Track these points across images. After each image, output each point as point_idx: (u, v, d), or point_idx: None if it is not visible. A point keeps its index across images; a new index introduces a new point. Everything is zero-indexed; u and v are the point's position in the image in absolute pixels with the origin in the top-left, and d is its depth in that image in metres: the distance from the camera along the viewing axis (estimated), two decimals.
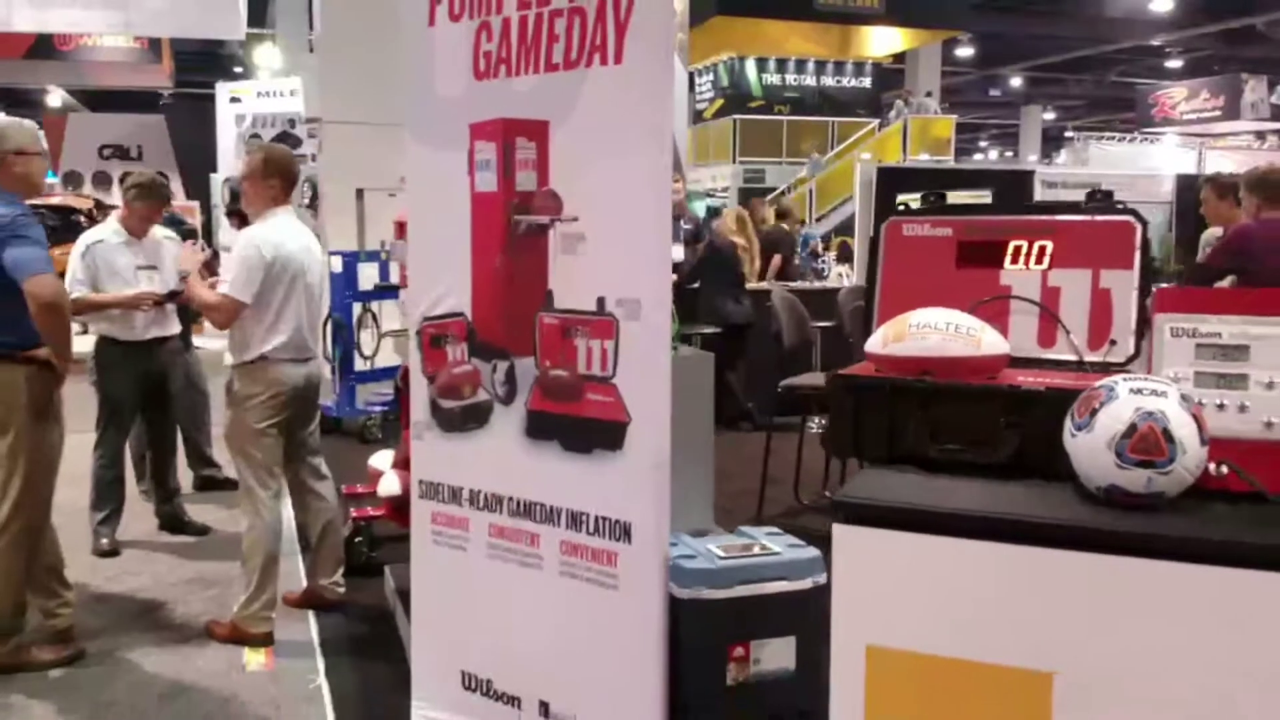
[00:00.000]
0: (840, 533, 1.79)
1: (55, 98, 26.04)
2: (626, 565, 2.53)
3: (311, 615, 3.92)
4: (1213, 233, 5.79)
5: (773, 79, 22.56)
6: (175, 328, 4.82)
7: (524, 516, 2.72)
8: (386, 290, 6.70)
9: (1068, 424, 1.72)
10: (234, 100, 18.34)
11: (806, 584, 3.05)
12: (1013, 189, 14.76)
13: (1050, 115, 33.39)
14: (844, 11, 19.26)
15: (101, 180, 20.60)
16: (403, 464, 4.51)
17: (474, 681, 2.85)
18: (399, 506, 4.41)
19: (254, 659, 3.58)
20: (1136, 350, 2.01)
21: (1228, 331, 1.79)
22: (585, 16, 2.51)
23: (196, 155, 19.16)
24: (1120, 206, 2.16)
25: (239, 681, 3.43)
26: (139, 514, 4.97)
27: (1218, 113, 25.59)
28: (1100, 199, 2.21)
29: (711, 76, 22.47)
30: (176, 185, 17.14)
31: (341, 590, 4.01)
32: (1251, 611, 1.55)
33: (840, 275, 10.88)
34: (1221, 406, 1.76)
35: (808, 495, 5.31)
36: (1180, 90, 26.76)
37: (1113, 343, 2.05)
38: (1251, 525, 1.63)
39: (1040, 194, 16.56)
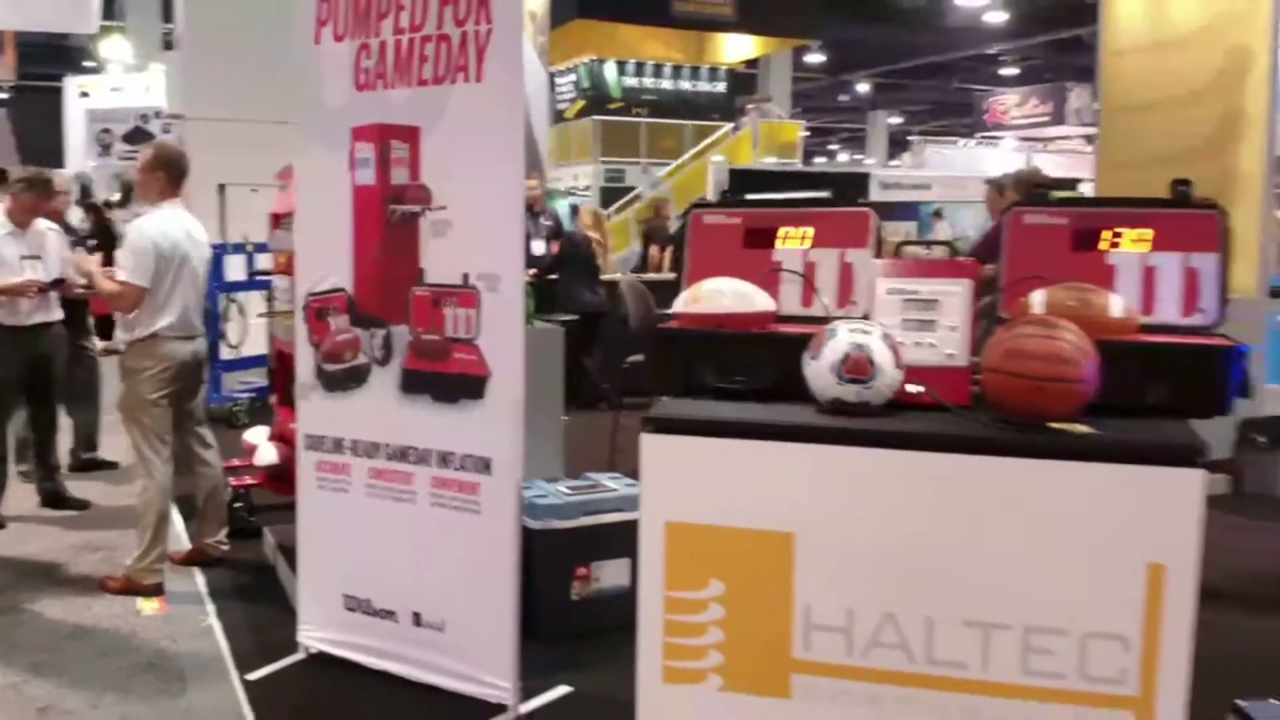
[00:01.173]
0: (648, 440, 2.38)
1: None
2: (487, 493, 3.07)
3: (198, 571, 4.31)
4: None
5: (631, 81, 23.26)
6: (58, 314, 5.08)
7: (399, 459, 3.24)
8: (257, 280, 7.03)
9: (805, 356, 2.35)
10: (83, 95, 17.86)
11: (640, 514, 3.67)
12: (852, 189, 15.87)
13: (897, 120, 35.20)
14: (699, 18, 20.11)
15: None
16: (277, 437, 4.95)
17: (354, 602, 3.34)
18: (275, 475, 4.85)
19: (148, 606, 3.96)
20: (869, 309, 2.67)
21: (924, 289, 2.47)
22: (451, 42, 3.05)
23: (41, 150, 18.54)
24: (860, 201, 2.82)
25: (136, 623, 3.81)
26: (20, 495, 5.19)
27: (1046, 118, 27.51)
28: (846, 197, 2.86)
29: (573, 77, 23.02)
30: None
31: (225, 548, 4.42)
32: (933, 481, 2.20)
33: None
34: (919, 344, 2.43)
35: None
36: (1012, 97, 28.69)
37: (854, 303, 2.70)
38: (933, 424, 2.30)
39: (877, 194, 17.75)
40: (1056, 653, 2.15)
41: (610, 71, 23.16)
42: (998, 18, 22.03)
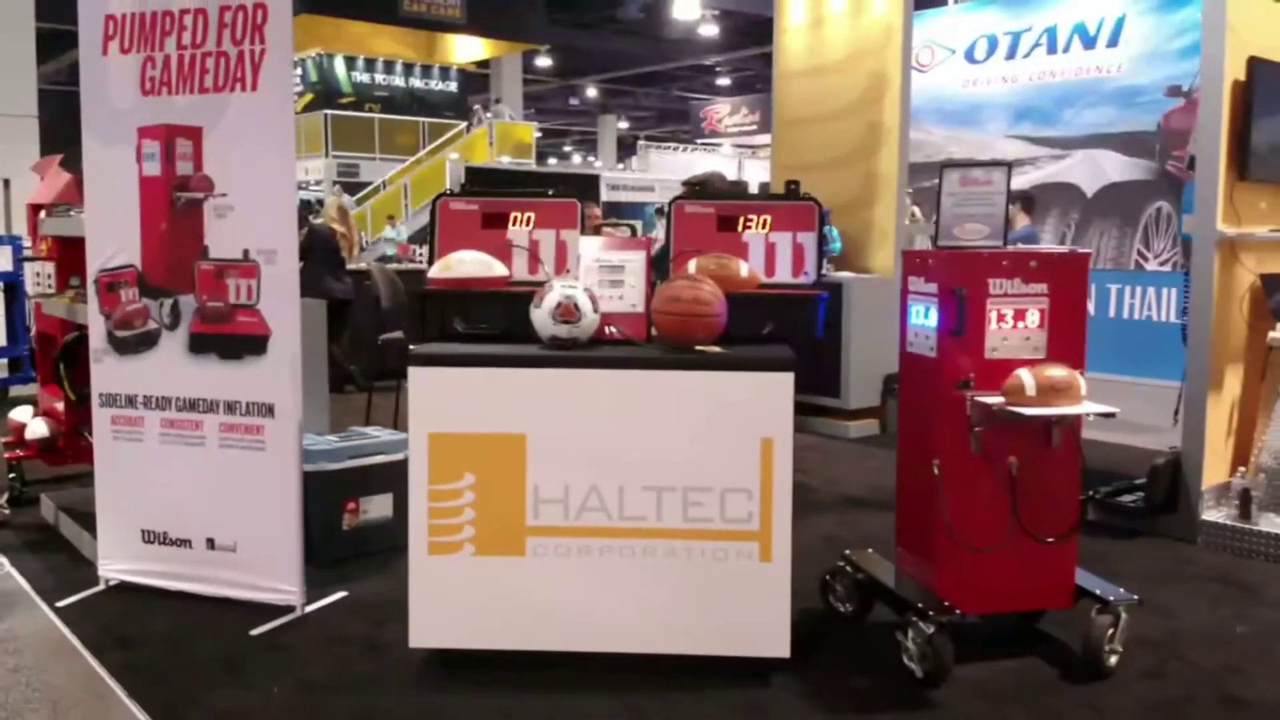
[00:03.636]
0: (414, 371, 3.14)
1: None
2: (271, 433, 3.70)
3: None
4: None
5: (362, 77, 23.38)
6: None
7: (189, 410, 3.80)
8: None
9: (531, 306, 3.20)
10: None
11: (399, 457, 4.41)
12: (585, 188, 17.00)
13: (624, 124, 36.99)
14: (427, 18, 20.56)
15: None
16: (44, 414, 5.27)
17: (151, 535, 3.87)
18: (46, 447, 5.18)
19: None
20: (577, 274, 3.56)
21: (614, 259, 3.39)
22: (229, 58, 3.66)
23: None
24: (556, 190, 3.71)
25: None
26: None
27: (755, 126, 29.77)
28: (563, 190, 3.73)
29: (300, 71, 22.84)
30: None
31: (7, 512, 4.72)
32: (621, 391, 3.11)
33: None
34: (611, 298, 3.34)
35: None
36: (725, 106, 30.85)
37: (568, 271, 3.58)
38: (621, 352, 3.21)
39: (606, 195, 19.00)
40: (705, 504, 3.13)
41: (340, 66, 23.15)
42: (710, 31, 23.91)
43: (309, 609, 3.72)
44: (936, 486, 3.27)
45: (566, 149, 43.04)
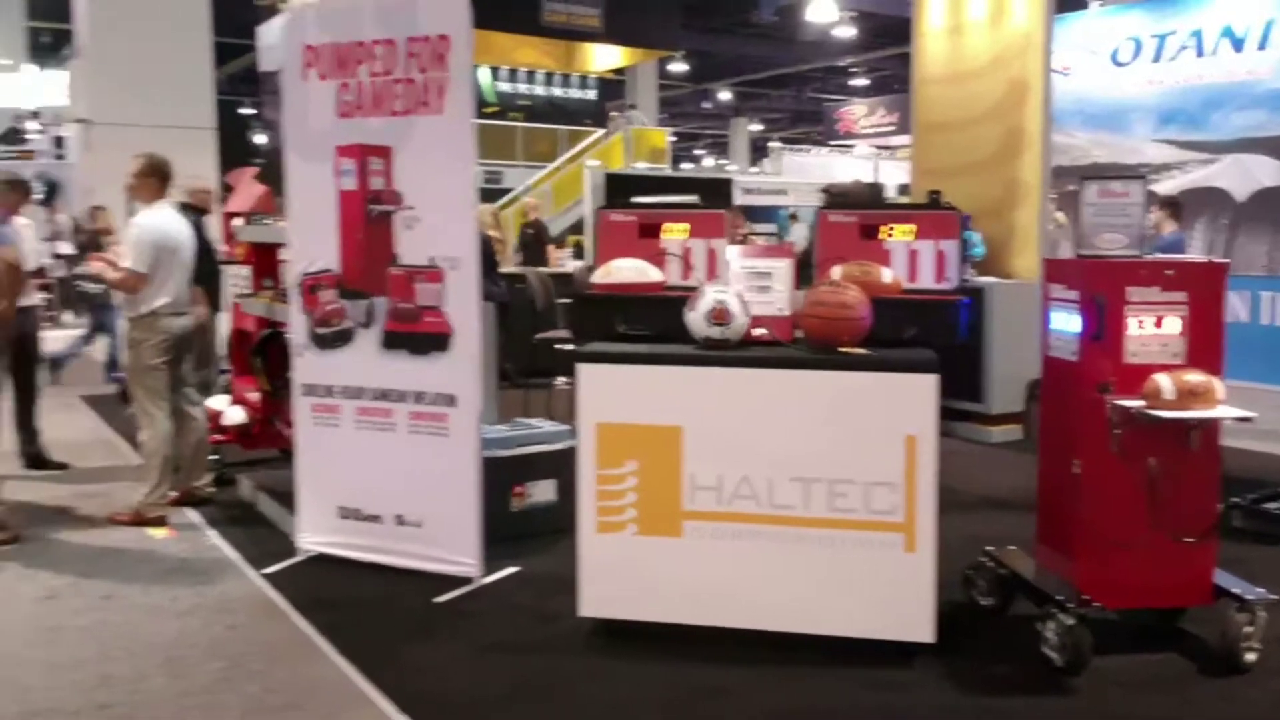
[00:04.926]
0: (583, 368, 3.49)
1: None
2: (454, 421, 4.11)
3: (189, 510, 5.18)
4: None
5: (505, 87, 24.21)
6: (36, 299, 5.84)
7: (381, 399, 4.24)
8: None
9: (685, 309, 3.50)
10: None
11: (561, 446, 4.78)
12: (717, 193, 17.23)
13: (757, 126, 37.02)
14: (568, 29, 21.09)
15: None
16: (238, 402, 5.85)
17: (346, 511, 4.34)
18: (243, 434, 5.75)
19: (158, 533, 4.84)
20: (727, 279, 3.84)
21: (761, 265, 3.66)
22: (416, 85, 4.08)
23: None
24: (727, 205, 4.00)
25: (154, 544, 4.69)
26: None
27: (893, 127, 29.30)
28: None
29: None
30: None
31: (212, 490, 5.31)
32: (770, 388, 3.38)
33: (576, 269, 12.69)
34: (759, 302, 3.61)
35: None
36: (861, 107, 30.52)
37: (717, 276, 3.86)
38: (770, 352, 3.48)
39: (739, 198, 19.17)
40: (849, 496, 3.37)
41: (485, 77, 24.04)
42: (847, 32, 23.80)
43: (484, 581, 4.10)
44: (1077, 485, 3.42)
45: (698, 152, 43.31)
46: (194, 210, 6.25)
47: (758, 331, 3.58)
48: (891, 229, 3.76)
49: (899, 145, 29.12)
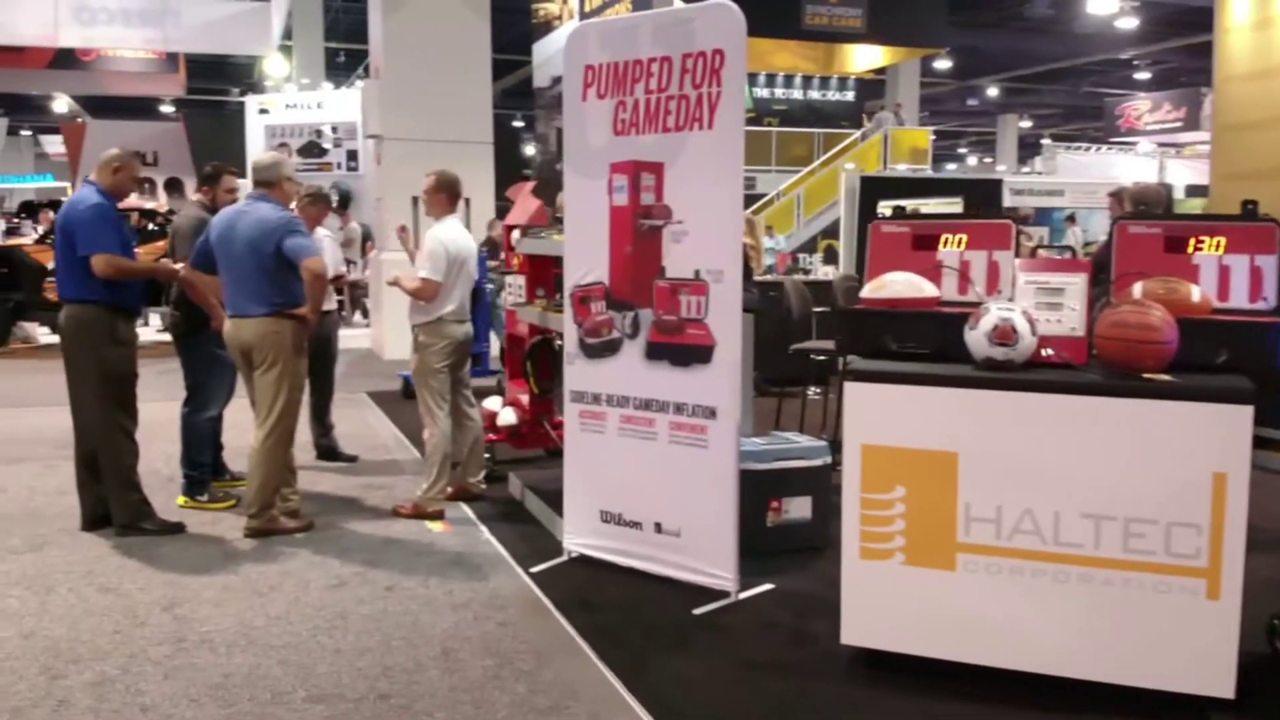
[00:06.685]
0: (850, 386, 3.39)
1: (61, 104, 27.30)
2: (714, 433, 4.11)
3: (463, 505, 5.48)
4: None
5: (762, 93, 24.19)
6: (334, 303, 6.38)
7: (644, 409, 4.31)
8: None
9: (966, 328, 3.31)
10: (262, 111, 19.87)
11: (818, 462, 4.69)
12: (983, 196, 16.46)
13: (1027, 123, 35.05)
14: (829, 31, 20.84)
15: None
16: (511, 404, 6.12)
17: (609, 516, 4.44)
18: (514, 434, 6.03)
19: (435, 526, 5.15)
20: (1011, 296, 3.61)
21: (1052, 280, 3.41)
22: (689, 101, 4.11)
23: (215, 159, 20.49)
24: (1005, 211, 3.76)
25: (432, 538, 5.00)
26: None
27: (1179, 124, 26.99)
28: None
29: None
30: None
31: (484, 487, 5.60)
32: (1060, 415, 3.15)
33: (826, 274, 12.47)
34: (1048, 321, 3.37)
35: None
36: (1145, 102, 28.25)
37: (999, 291, 3.64)
38: (1060, 376, 3.23)
39: (1009, 200, 18.22)
40: (1148, 536, 3.07)
41: None
42: (1129, 24, 22.10)
43: (741, 596, 4.08)
44: None
45: (961, 150, 41.60)
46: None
47: (1045, 353, 3.34)
48: (1201, 241, 3.41)
49: (1186, 143, 26.85)
